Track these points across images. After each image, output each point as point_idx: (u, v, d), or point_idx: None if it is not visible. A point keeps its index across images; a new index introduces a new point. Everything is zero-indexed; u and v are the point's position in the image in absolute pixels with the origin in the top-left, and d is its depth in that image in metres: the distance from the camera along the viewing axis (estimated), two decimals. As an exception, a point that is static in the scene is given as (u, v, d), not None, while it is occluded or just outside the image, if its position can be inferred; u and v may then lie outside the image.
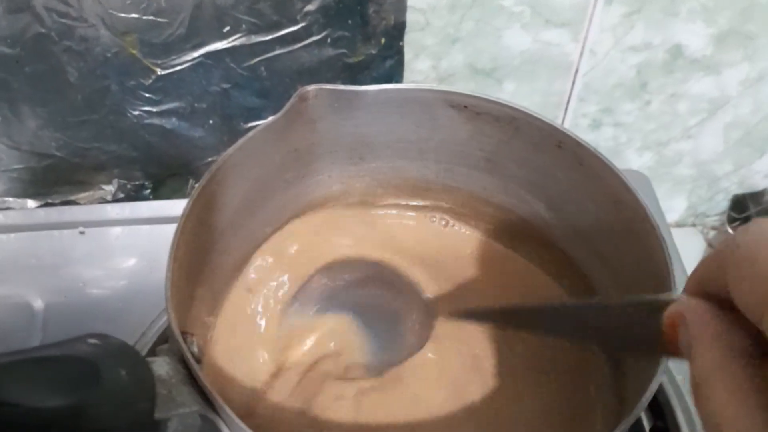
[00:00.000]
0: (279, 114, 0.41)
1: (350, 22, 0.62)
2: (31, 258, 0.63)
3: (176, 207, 0.39)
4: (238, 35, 0.61)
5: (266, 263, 0.51)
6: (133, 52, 0.61)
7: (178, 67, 0.63)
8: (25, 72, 0.61)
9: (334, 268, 0.51)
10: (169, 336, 0.36)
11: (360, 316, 0.50)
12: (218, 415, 0.34)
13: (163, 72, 0.63)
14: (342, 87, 0.43)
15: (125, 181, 0.72)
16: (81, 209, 0.67)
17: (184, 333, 0.36)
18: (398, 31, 0.63)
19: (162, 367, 0.34)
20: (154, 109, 0.66)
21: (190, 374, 0.34)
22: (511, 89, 0.69)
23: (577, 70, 0.68)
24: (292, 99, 0.42)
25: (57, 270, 0.63)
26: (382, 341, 0.49)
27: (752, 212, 0.80)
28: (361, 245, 0.52)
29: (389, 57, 0.65)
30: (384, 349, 0.49)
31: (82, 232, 0.64)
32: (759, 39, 0.66)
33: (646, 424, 0.52)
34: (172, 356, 0.35)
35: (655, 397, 0.52)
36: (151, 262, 0.63)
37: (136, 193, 0.73)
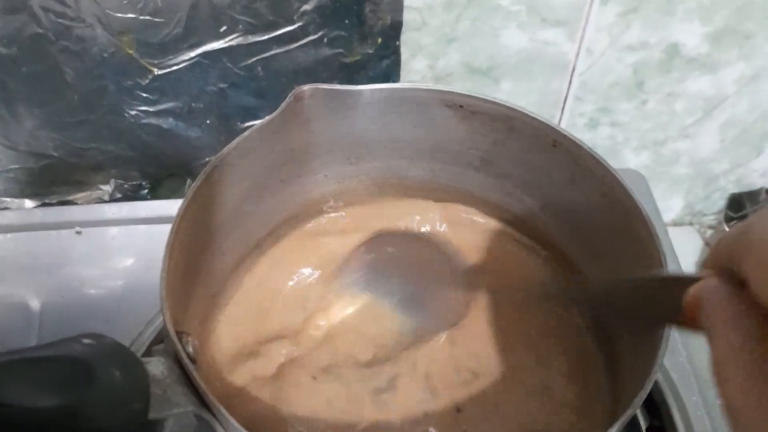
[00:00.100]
0: (274, 114, 0.41)
1: (347, 21, 0.62)
2: (28, 258, 0.63)
3: (174, 207, 0.39)
4: (235, 35, 0.61)
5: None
6: (130, 52, 0.61)
7: (175, 67, 0.63)
8: (22, 72, 0.61)
9: (376, 240, 0.52)
10: (164, 336, 0.36)
11: (388, 295, 0.50)
12: (213, 415, 0.34)
13: (160, 72, 0.63)
14: (337, 87, 0.43)
15: (122, 182, 0.72)
16: (78, 209, 0.67)
17: (179, 333, 0.36)
18: (395, 30, 0.63)
19: (157, 367, 0.34)
20: (151, 109, 0.66)
21: (186, 374, 0.34)
22: (508, 89, 0.69)
23: (573, 70, 0.68)
24: (287, 99, 0.41)
25: (54, 270, 0.62)
26: (413, 316, 0.49)
27: (749, 211, 0.80)
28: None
29: (386, 57, 0.65)
30: (413, 324, 0.49)
31: (79, 232, 0.64)
32: (755, 38, 0.66)
33: (643, 423, 0.52)
34: (168, 356, 0.35)
35: (651, 396, 0.52)
36: (148, 262, 0.63)
37: (133, 194, 0.73)
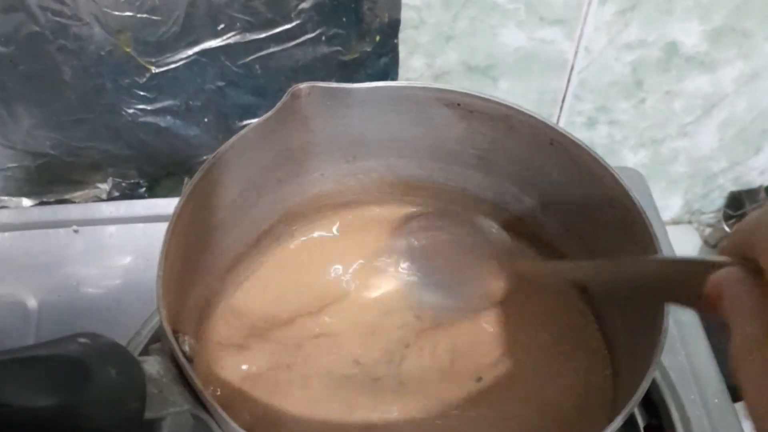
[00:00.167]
0: (271, 112, 0.41)
1: (345, 19, 0.62)
2: (25, 257, 0.63)
3: (171, 206, 0.39)
4: (233, 33, 0.61)
5: None
6: (128, 50, 0.61)
7: (173, 65, 0.63)
8: (19, 71, 0.61)
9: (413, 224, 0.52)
10: (161, 335, 0.36)
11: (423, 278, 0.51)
12: (210, 414, 0.34)
13: (158, 70, 0.63)
14: (334, 85, 0.42)
15: (120, 180, 0.72)
16: (75, 208, 0.67)
17: (176, 332, 0.36)
18: (393, 28, 0.63)
19: (153, 366, 0.34)
20: (149, 107, 0.66)
21: (182, 373, 0.34)
22: (506, 87, 0.69)
23: (572, 68, 0.68)
24: (284, 97, 0.41)
25: (51, 269, 0.62)
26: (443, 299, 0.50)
27: (748, 209, 0.80)
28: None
29: (384, 55, 0.65)
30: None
31: (76, 231, 0.64)
32: (754, 36, 0.66)
33: (641, 422, 0.52)
34: (164, 355, 0.35)
35: (649, 395, 0.52)
36: (145, 261, 0.63)
37: (131, 192, 0.73)
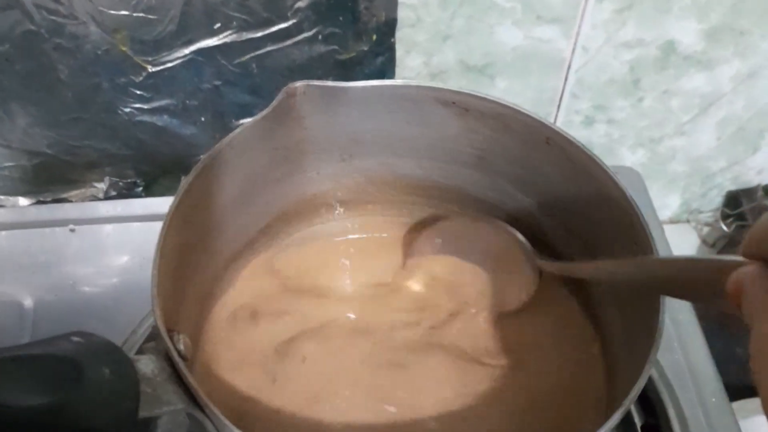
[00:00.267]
0: (266, 110, 0.41)
1: (341, 18, 0.62)
2: (21, 256, 0.63)
3: (168, 205, 0.38)
4: (229, 32, 0.61)
5: None
6: (124, 49, 0.61)
7: (169, 64, 0.63)
8: (15, 70, 0.61)
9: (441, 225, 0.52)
10: (156, 334, 0.35)
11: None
12: (205, 413, 0.34)
13: (154, 69, 0.63)
14: (330, 83, 0.42)
15: (117, 179, 0.72)
16: (72, 207, 0.67)
17: (170, 331, 0.36)
18: (389, 27, 0.63)
19: (147, 365, 0.34)
20: (146, 106, 0.66)
21: (177, 372, 0.34)
22: (503, 86, 0.69)
23: (569, 67, 0.68)
24: (279, 95, 0.41)
25: (48, 268, 0.62)
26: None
27: (746, 208, 0.80)
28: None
29: (381, 53, 0.65)
30: None
31: (73, 230, 0.64)
32: (751, 34, 0.66)
33: (637, 421, 0.52)
34: (159, 354, 0.35)
35: (646, 394, 0.52)
36: (142, 260, 0.63)
37: (128, 191, 0.73)
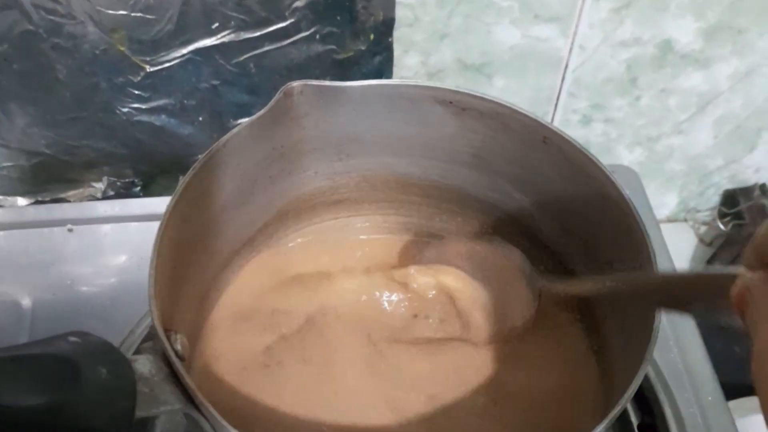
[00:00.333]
0: (264, 110, 0.41)
1: (339, 18, 0.62)
2: (19, 256, 0.63)
3: (166, 204, 0.39)
4: (227, 32, 0.61)
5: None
6: (122, 49, 0.61)
7: (167, 64, 0.63)
8: (13, 69, 0.61)
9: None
10: (153, 334, 0.35)
11: None
12: (202, 413, 0.34)
13: (152, 69, 0.63)
14: (327, 83, 0.42)
15: (115, 179, 0.72)
16: (70, 207, 0.67)
17: (168, 330, 0.36)
18: (387, 27, 0.63)
19: (144, 365, 0.34)
20: (144, 106, 0.66)
21: (174, 372, 0.34)
22: (501, 85, 0.69)
23: (566, 66, 0.68)
24: (276, 95, 0.41)
25: (46, 267, 0.62)
26: None
27: (743, 207, 0.80)
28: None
29: (378, 53, 0.65)
30: None
31: (71, 230, 0.64)
32: (748, 33, 0.66)
33: (634, 420, 0.52)
34: (156, 354, 0.35)
35: (642, 393, 0.52)
36: (140, 260, 0.63)
37: (126, 191, 0.73)
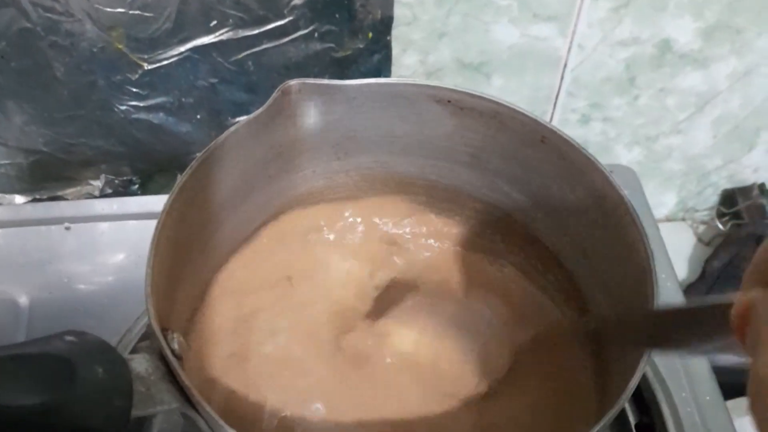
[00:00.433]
0: (261, 109, 0.41)
1: (337, 16, 0.61)
2: (16, 254, 0.63)
3: (164, 202, 0.39)
4: (225, 30, 0.61)
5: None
6: (120, 46, 0.61)
7: (165, 62, 0.63)
8: (10, 67, 0.61)
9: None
10: (150, 333, 0.35)
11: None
12: (198, 413, 0.34)
13: (150, 67, 0.63)
14: (325, 81, 0.42)
15: (113, 177, 0.72)
16: (68, 205, 0.67)
17: (165, 329, 0.36)
18: (385, 25, 0.63)
19: (141, 364, 0.34)
20: (141, 104, 0.66)
21: (170, 371, 0.34)
22: (499, 84, 0.69)
23: (565, 65, 0.68)
24: (274, 94, 0.41)
25: (43, 266, 0.62)
26: None
27: (741, 207, 0.80)
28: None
29: (377, 51, 0.64)
30: None
31: (68, 228, 0.64)
32: (747, 32, 0.66)
33: (632, 419, 0.52)
34: (152, 353, 0.35)
35: (640, 393, 0.52)
36: (137, 258, 0.62)
37: (124, 189, 0.73)
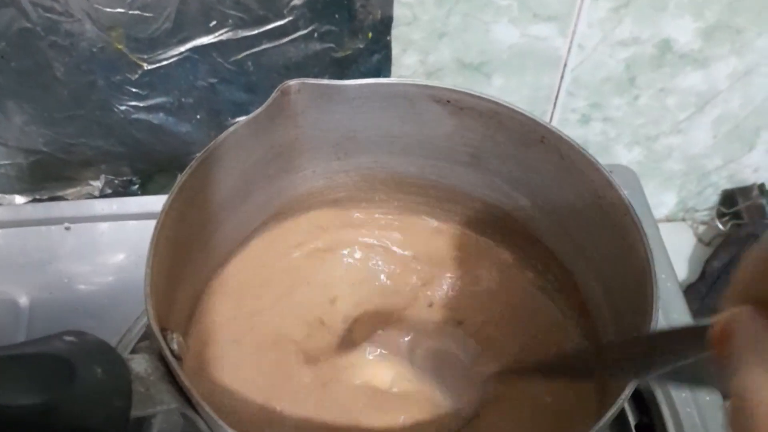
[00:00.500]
0: (261, 108, 0.41)
1: (337, 16, 0.61)
2: (17, 254, 0.63)
3: (163, 203, 0.39)
4: (225, 30, 0.61)
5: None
6: (120, 47, 0.61)
7: (165, 62, 0.63)
8: (10, 67, 0.61)
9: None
10: (149, 333, 0.35)
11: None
12: (198, 413, 0.34)
13: (150, 67, 0.63)
14: (324, 81, 0.42)
15: (113, 177, 0.72)
16: (68, 205, 0.67)
17: (164, 330, 0.36)
18: (385, 25, 0.63)
19: (140, 364, 0.34)
20: (141, 104, 0.66)
21: (170, 372, 0.34)
22: (499, 84, 0.69)
23: (565, 65, 0.68)
24: (274, 94, 0.41)
25: (43, 266, 0.62)
26: None
27: (741, 207, 0.80)
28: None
29: (377, 51, 0.64)
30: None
31: (68, 228, 0.64)
32: (747, 32, 0.66)
33: (632, 420, 0.52)
34: (152, 353, 0.35)
35: (640, 393, 0.52)
36: (137, 259, 0.62)
37: (124, 189, 0.73)
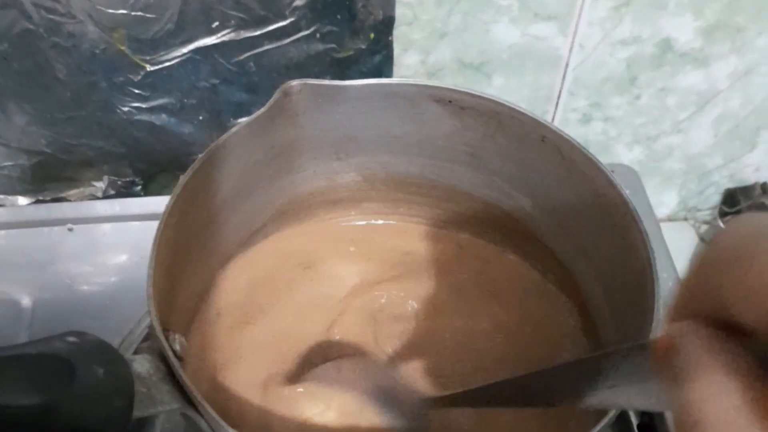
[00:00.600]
0: (262, 109, 0.41)
1: (339, 17, 0.62)
2: (19, 255, 0.63)
3: (166, 203, 0.39)
4: (227, 31, 0.61)
5: None
6: (122, 48, 0.61)
7: (167, 63, 0.63)
8: (12, 68, 0.61)
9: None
10: (151, 333, 0.36)
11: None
12: (199, 413, 0.34)
13: (152, 68, 0.63)
14: (326, 82, 0.42)
15: (115, 178, 0.72)
16: (69, 206, 0.67)
17: (166, 330, 0.36)
18: (386, 25, 0.63)
19: (142, 365, 0.34)
20: (143, 105, 0.66)
21: (172, 372, 0.34)
22: (500, 84, 0.69)
23: (566, 65, 0.68)
24: (275, 94, 0.41)
25: (45, 267, 0.62)
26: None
27: (743, 206, 0.79)
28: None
29: (378, 52, 0.64)
30: None
31: (71, 229, 0.64)
32: (747, 31, 0.66)
33: (634, 420, 0.52)
34: (153, 354, 0.35)
35: (641, 392, 0.52)
36: (140, 259, 0.62)
37: (126, 190, 0.73)
